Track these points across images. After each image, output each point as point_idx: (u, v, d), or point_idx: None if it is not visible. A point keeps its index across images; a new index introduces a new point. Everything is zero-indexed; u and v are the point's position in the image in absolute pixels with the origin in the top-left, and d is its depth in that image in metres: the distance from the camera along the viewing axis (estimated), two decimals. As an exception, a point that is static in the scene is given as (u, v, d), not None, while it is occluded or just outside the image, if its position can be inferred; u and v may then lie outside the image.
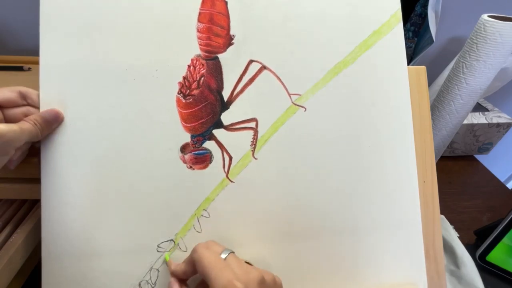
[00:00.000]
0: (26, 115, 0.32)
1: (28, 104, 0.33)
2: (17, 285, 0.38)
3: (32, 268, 0.40)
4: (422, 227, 0.38)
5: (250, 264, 0.31)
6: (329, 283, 0.37)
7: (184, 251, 0.35)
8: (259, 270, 0.29)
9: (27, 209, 0.41)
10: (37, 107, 0.33)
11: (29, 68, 0.53)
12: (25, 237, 0.36)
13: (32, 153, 0.34)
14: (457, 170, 0.72)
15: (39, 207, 0.40)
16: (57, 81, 0.33)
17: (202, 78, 0.34)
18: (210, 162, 0.35)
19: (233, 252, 0.31)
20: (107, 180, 0.34)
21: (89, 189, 0.33)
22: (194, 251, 0.30)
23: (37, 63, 0.53)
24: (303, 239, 0.36)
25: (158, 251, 0.35)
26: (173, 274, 0.32)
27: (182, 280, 0.32)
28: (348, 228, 0.37)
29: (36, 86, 0.33)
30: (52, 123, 0.32)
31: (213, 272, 0.27)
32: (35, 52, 0.34)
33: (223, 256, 0.30)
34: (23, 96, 0.32)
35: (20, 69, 0.52)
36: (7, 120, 0.31)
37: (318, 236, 0.36)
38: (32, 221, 0.38)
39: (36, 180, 0.36)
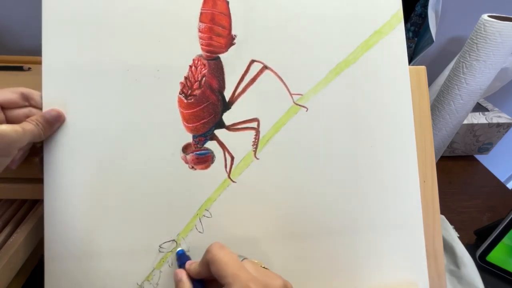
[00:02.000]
0: (28, 116, 0.31)
1: (31, 105, 0.32)
2: (17, 285, 0.38)
3: (32, 268, 0.40)
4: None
5: (267, 269, 0.29)
6: (331, 282, 0.37)
7: (186, 251, 0.35)
8: (280, 277, 0.27)
9: (27, 209, 0.41)
10: (40, 108, 0.32)
11: (29, 68, 0.53)
12: (25, 237, 0.36)
13: (32, 152, 0.34)
14: (457, 170, 0.73)
15: (39, 207, 0.40)
16: (59, 82, 0.33)
17: (204, 78, 0.34)
18: (212, 162, 0.35)
19: (246, 258, 0.29)
20: (110, 180, 0.34)
21: (92, 190, 0.33)
22: (208, 251, 0.27)
23: (37, 63, 0.53)
24: (305, 239, 0.36)
25: (160, 251, 0.34)
26: (187, 272, 0.30)
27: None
28: (349, 228, 0.37)
29: (36, 86, 0.33)
30: (54, 123, 0.32)
31: (230, 273, 0.25)
32: (35, 52, 0.34)
33: (240, 259, 0.27)
34: (25, 97, 0.32)
35: (20, 69, 0.52)
36: (9, 121, 0.31)
37: (320, 236, 0.36)
38: (32, 221, 0.38)
39: (36, 180, 0.36)
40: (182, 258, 0.33)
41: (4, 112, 0.31)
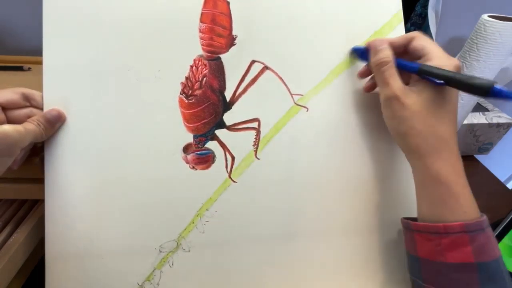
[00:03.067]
0: (29, 116, 0.32)
1: (32, 106, 0.32)
2: (18, 285, 0.38)
3: (32, 268, 0.40)
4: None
5: None
6: (333, 282, 0.37)
7: (187, 251, 0.35)
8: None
9: (27, 208, 0.41)
10: (41, 108, 0.33)
11: (29, 68, 0.52)
12: (25, 237, 0.36)
13: (33, 152, 0.34)
14: (457, 170, 0.72)
15: (40, 207, 0.40)
16: (60, 82, 0.33)
17: (205, 79, 0.34)
18: (213, 162, 0.35)
19: None
20: (110, 180, 0.34)
21: (93, 190, 0.33)
22: (413, 33, 0.32)
23: (37, 63, 0.53)
24: (305, 239, 0.36)
25: (160, 251, 0.35)
26: (379, 44, 0.33)
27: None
28: (350, 228, 0.37)
29: (36, 86, 0.33)
30: (55, 123, 0.32)
31: (435, 46, 0.31)
32: (35, 52, 0.34)
33: None
34: (26, 98, 0.32)
35: (20, 69, 0.52)
36: (10, 122, 0.31)
37: (321, 236, 0.36)
38: (32, 220, 0.38)
39: (36, 180, 0.36)
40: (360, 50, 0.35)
41: (5, 112, 0.31)
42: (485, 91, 0.26)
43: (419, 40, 0.32)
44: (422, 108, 0.30)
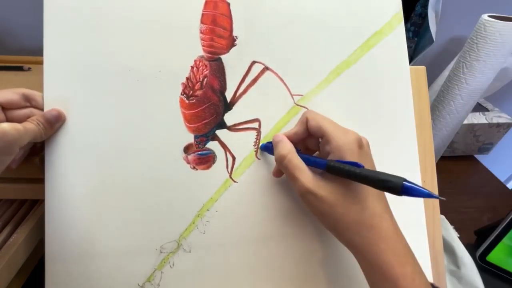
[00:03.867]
0: (29, 116, 0.31)
1: (32, 106, 0.32)
2: (17, 285, 0.38)
3: (32, 268, 0.40)
4: (423, 227, 0.38)
5: None
6: (333, 283, 0.37)
7: (187, 252, 0.35)
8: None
9: (27, 208, 0.41)
10: (41, 109, 0.32)
11: (29, 68, 0.52)
12: (25, 237, 0.36)
13: (33, 152, 0.34)
14: (457, 170, 0.73)
15: (40, 206, 0.40)
16: (60, 82, 0.33)
17: (205, 79, 0.34)
18: (214, 163, 0.35)
19: None
20: (111, 180, 0.34)
21: (93, 190, 0.33)
22: (304, 113, 0.32)
23: (37, 63, 0.53)
24: (306, 240, 0.36)
25: (161, 252, 0.34)
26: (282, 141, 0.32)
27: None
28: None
29: (36, 86, 0.33)
30: (55, 123, 0.32)
31: (330, 123, 0.30)
32: (35, 52, 0.34)
33: None
34: (27, 98, 0.32)
35: (20, 69, 0.52)
36: (9, 122, 0.31)
37: (321, 236, 0.36)
38: (32, 220, 0.38)
39: (36, 180, 0.36)
40: (267, 146, 0.34)
41: (5, 112, 0.31)
42: (397, 190, 0.24)
43: (312, 120, 0.30)
44: (339, 197, 0.27)
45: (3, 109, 0.31)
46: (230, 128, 0.35)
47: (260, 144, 0.35)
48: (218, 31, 0.34)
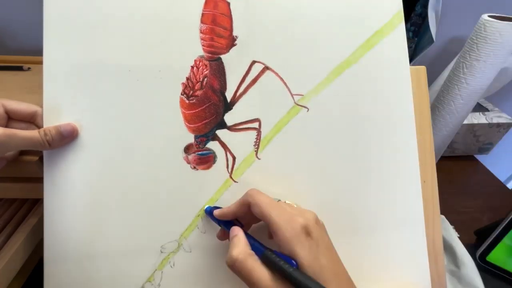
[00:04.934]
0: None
1: (34, 123, 0.33)
2: (17, 285, 0.38)
3: (32, 268, 0.40)
4: (423, 227, 0.38)
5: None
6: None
7: (188, 252, 0.35)
8: (312, 211, 0.29)
9: (28, 208, 0.41)
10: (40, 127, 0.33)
11: (29, 68, 0.52)
12: (25, 237, 0.36)
13: (32, 152, 0.34)
14: (457, 170, 0.73)
15: (40, 206, 0.40)
16: (60, 82, 0.33)
17: (205, 79, 0.34)
18: (214, 163, 0.35)
19: (280, 200, 0.31)
20: (110, 180, 0.34)
21: (92, 190, 0.33)
22: (249, 195, 0.30)
23: (36, 63, 0.53)
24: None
25: (161, 252, 0.34)
26: (222, 217, 0.32)
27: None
28: (351, 228, 0.37)
29: (35, 86, 0.33)
30: (66, 137, 0.32)
31: (274, 211, 0.27)
32: (35, 52, 0.34)
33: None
34: (34, 115, 0.33)
35: (19, 69, 0.52)
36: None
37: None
38: (32, 220, 0.38)
39: (36, 179, 0.35)
40: (210, 212, 0.33)
41: (9, 121, 0.32)
42: None
43: (255, 207, 0.28)
44: None
45: (9, 118, 0.31)
46: (230, 128, 0.35)
47: (206, 206, 0.35)
48: (218, 31, 0.34)
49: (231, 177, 0.35)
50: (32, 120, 0.33)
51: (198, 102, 0.34)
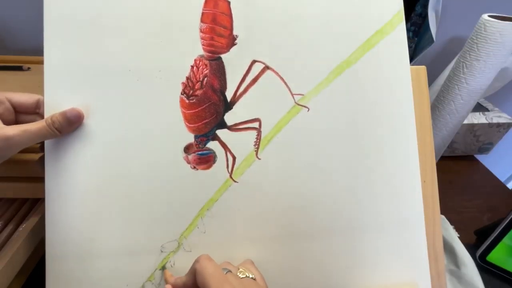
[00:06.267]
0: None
1: (39, 114, 0.33)
2: (18, 284, 0.38)
3: (33, 267, 0.40)
4: (423, 227, 0.38)
5: (254, 279, 0.30)
6: (332, 283, 0.37)
7: (188, 251, 0.35)
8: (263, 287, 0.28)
9: (29, 208, 0.41)
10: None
11: (29, 68, 0.52)
12: (26, 236, 0.36)
13: (33, 151, 0.34)
14: (457, 170, 0.73)
15: (41, 205, 0.40)
16: (60, 82, 0.33)
17: (206, 79, 0.34)
18: (214, 162, 0.35)
19: (230, 271, 0.30)
20: (111, 180, 0.34)
21: (93, 189, 0.33)
22: (196, 261, 0.29)
23: (36, 62, 0.53)
24: (306, 239, 0.36)
25: (162, 251, 0.35)
26: (173, 286, 0.31)
27: None
28: (351, 228, 0.37)
29: (35, 86, 0.33)
30: (74, 122, 0.32)
31: (214, 284, 0.26)
32: (35, 52, 0.34)
33: (224, 272, 0.29)
34: (38, 105, 0.33)
35: (19, 69, 0.52)
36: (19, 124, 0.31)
37: (322, 236, 0.36)
38: (33, 219, 0.38)
39: (37, 178, 0.36)
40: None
41: (16, 114, 0.32)
42: None
43: (199, 276, 0.28)
44: None
45: (16, 111, 0.31)
46: (230, 128, 0.35)
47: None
48: (218, 30, 0.34)
49: (231, 177, 0.35)
50: (37, 110, 0.33)
51: (198, 102, 0.34)
